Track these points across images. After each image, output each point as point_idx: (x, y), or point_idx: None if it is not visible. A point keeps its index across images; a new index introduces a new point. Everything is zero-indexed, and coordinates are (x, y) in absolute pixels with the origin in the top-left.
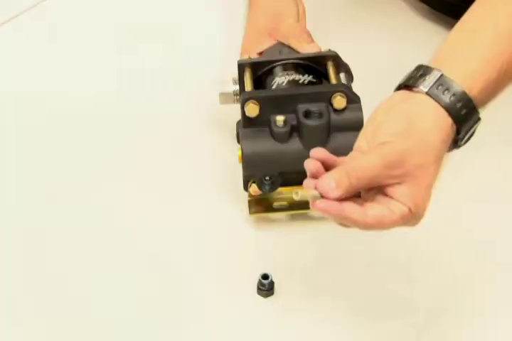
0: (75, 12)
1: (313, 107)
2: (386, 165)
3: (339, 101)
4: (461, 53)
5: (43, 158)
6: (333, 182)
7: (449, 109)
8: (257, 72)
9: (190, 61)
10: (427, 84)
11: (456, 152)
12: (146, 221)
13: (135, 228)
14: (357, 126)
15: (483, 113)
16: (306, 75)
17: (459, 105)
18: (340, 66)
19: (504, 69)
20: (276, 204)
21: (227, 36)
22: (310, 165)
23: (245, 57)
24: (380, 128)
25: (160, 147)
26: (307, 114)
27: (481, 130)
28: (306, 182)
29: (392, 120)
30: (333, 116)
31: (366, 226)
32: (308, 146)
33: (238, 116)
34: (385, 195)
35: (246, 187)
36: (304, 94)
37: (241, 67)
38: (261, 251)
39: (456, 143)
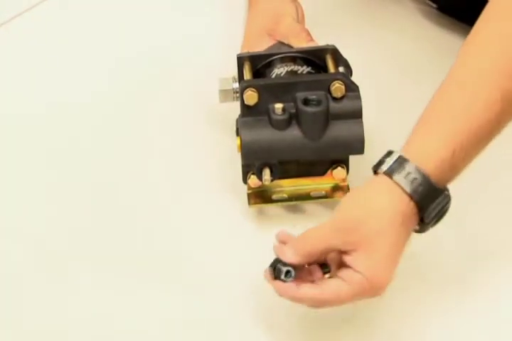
0: (71, 12)
1: (312, 95)
2: (337, 231)
3: (338, 89)
4: (420, 134)
5: (42, 158)
6: (291, 250)
7: (401, 183)
8: (256, 65)
9: (191, 61)
10: (385, 165)
11: None
12: (147, 216)
13: (135, 223)
14: (355, 114)
15: None
16: (305, 66)
17: (410, 177)
18: (340, 61)
19: (460, 147)
20: (275, 196)
21: (227, 36)
22: (280, 235)
23: None
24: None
25: (160, 145)
26: (306, 102)
27: None
28: (276, 246)
29: (349, 195)
30: (332, 104)
31: (325, 303)
32: (307, 134)
33: (238, 114)
34: (344, 264)
35: (245, 179)
36: (302, 82)
37: (240, 60)
38: (260, 245)
39: (422, 220)
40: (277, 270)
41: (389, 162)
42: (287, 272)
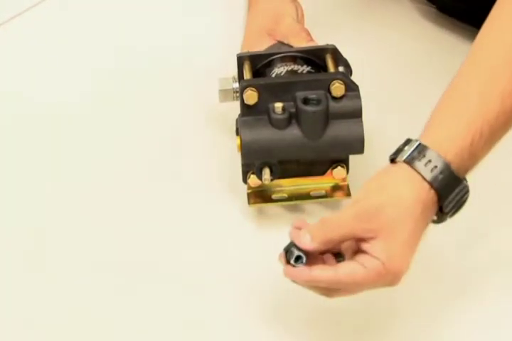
0: (71, 12)
1: (312, 94)
2: (359, 218)
3: (337, 89)
4: (438, 122)
5: (42, 159)
6: (308, 236)
7: (421, 170)
8: (256, 65)
9: (191, 61)
10: (404, 153)
11: None
12: (146, 216)
13: (135, 223)
14: (355, 113)
15: None
16: (305, 66)
17: (430, 166)
18: (339, 60)
19: (479, 135)
20: (275, 195)
21: (227, 36)
22: (295, 221)
23: None
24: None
25: (159, 145)
26: (306, 101)
27: None
28: (291, 231)
29: (369, 182)
30: (332, 104)
31: (340, 283)
32: (307, 133)
33: (238, 114)
34: (361, 251)
35: (245, 179)
36: (302, 82)
37: (240, 59)
38: (260, 245)
39: (441, 210)
40: (289, 253)
41: (408, 150)
42: (298, 257)
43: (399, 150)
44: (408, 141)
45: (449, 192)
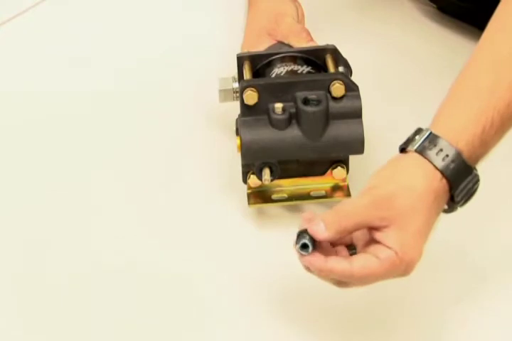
0: (71, 12)
1: (312, 95)
2: (374, 206)
3: (338, 89)
4: (448, 111)
5: (42, 159)
6: (322, 224)
7: (433, 159)
8: (256, 65)
9: (191, 61)
10: (415, 143)
11: None
12: (146, 216)
13: (134, 223)
14: (355, 113)
15: None
16: (305, 66)
17: (442, 155)
18: (339, 61)
19: (490, 124)
20: (275, 196)
21: (227, 36)
22: (304, 213)
23: None
24: (370, 180)
25: (159, 145)
26: (306, 101)
27: None
28: (302, 224)
29: (381, 171)
30: (332, 104)
31: (353, 276)
32: (307, 133)
33: (237, 114)
34: (374, 241)
35: (245, 179)
36: (302, 82)
37: (240, 60)
38: (260, 245)
39: (452, 199)
40: (300, 237)
41: (419, 139)
42: (304, 245)
43: (409, 140)
44: (419, 131)
45: (460, 181)
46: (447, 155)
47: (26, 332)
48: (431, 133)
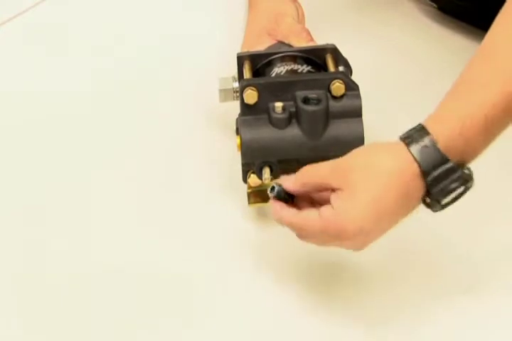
0: (71, 12)
1: (312, 94)
2: (333, 171)
3: (338, 88)
4: (439, 105)
5: (40, 157)
6: (292, 178)
7: (410, 144)
8: (256, 64)
9: (191, 61)
10: (405, 133)
11: None
12: (145, 216)
13: (134, 222)
14: (355, 113)
15: None
16: (305, 65)
17: (420, 142)
18: (339, 60)
19: (470, 120)
20: None
21: (227, 36)
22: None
23: None
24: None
25: (159, 145)
26: (306, 100)
27: None
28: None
29: (361, 147)
30: (332, 103)
31: (292, 224)
32: (307, 133)
33: (237, 114)
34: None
35: (245, 179)
36: (302, 81)
37: (240, 59)
38: (260, 244)
39: (429, 192)
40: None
41: (409, 129)
42: (272, 188)
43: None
44: (415, 127)
45: (433, 168)
46: (423, 141)
47: (26, 332)
48: (420, 124)
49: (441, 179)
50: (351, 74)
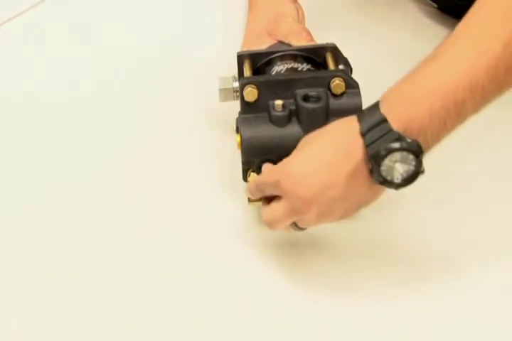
0: (71, 12)
1: (312, 92)
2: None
3: (338, 86)
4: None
5: (40, 157)
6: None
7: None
8: (256, 63)
9: (191, 60)
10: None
11: None
12: (145, 215)
13: (133, 222)
14: (355, 111)
15: None
16: (305, 64)
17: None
18: (339, 59)
19: (419, 92)
20: None
21: (227, 36)
22: None
23: None
24: None
25: (159, 144)
26: (306, 98)
27: None
28: None
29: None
30: (332, 101)
31: (255, 185)
32: (307, 130)
33: (238, 113)
34: None
35: (245, 177)
36: (302, 79)
37: (240, 58)
38: (260, 243)
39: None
40: None
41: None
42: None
43: None
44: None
45: (370, 126)
46: (371, 109)
47: (26, 332)
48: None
49: (379, 140)
50: (351, 73)
